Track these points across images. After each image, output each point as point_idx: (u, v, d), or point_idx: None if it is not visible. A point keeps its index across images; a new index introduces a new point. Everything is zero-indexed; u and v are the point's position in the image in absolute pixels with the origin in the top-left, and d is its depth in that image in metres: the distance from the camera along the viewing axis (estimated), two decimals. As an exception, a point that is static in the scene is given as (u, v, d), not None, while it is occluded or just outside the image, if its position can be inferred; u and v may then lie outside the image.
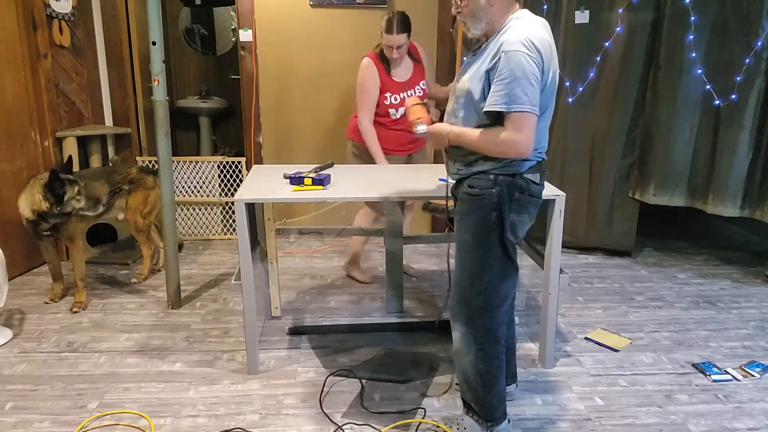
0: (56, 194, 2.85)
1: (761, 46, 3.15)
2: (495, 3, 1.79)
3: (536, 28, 1.77)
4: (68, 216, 2.95)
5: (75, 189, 2.91)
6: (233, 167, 4.21)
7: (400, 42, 2.94)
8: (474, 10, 1.81)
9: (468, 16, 1.84)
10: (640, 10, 3.39)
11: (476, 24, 1.83)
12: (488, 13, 1.80)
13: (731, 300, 3.24)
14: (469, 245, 1.89)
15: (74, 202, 2.92)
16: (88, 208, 2.99)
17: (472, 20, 1.84)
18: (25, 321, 2.95)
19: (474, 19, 1.83)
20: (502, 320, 1.96)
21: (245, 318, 2.39)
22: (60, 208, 2.88)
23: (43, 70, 3.55)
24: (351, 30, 3.95)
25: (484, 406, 1.98)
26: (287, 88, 4.05)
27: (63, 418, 2.16)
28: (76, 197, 2.92)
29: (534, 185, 1.89)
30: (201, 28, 5.55)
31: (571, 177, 3.79)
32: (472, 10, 1.82)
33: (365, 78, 3.03)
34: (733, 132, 3.31)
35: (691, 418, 2.19)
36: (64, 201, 2.88)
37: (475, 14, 1.82)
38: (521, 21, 1.78)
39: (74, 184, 2.92)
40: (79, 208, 2.95)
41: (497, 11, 1.80)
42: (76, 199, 2.92)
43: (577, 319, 3.01)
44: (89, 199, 2.98)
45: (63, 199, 2.87)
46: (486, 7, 1.80)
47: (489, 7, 1.80)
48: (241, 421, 2.16)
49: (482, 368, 1.94)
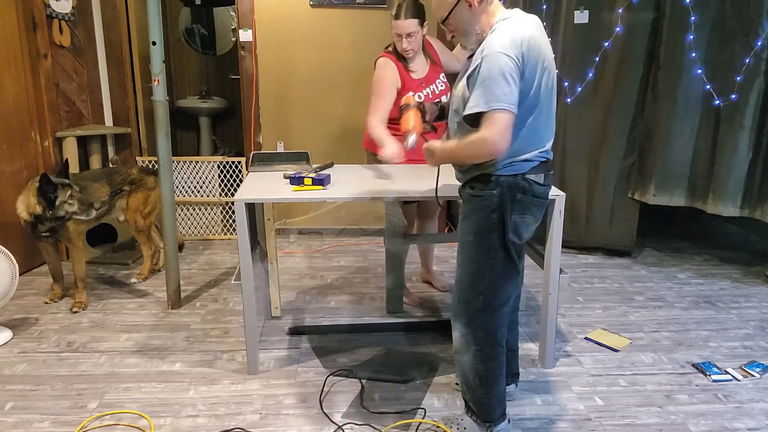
0: (47, 198, 2.83)
1: (761, 46, 3.15)
2: (477, 12, 1.80)
3: (522, 27, 1.75)
4: (62, 219, 2.93)
5: (67, 193, 2.88)
6: (233, 167, 4.21)
7: (409, 29, 2.68)
8: (462, 26, 1.83)
9: (460, 35, 1.87)
10: (640, 10, 3.39)
11: (469, 38, 1.85)
12: (475, 24, 1.81)
13: (731, 300, 3.24)
14: (470, 246, 1.89)
15: (66, 206, 2.88)
16: (81, 213, 2.94)
17: (465, 37, 1.86)
18: (25, 321, 2.95)
19: (466, 35, 1.85)
20: (503, 322, 1.96)
21: (245, 318, 2.39)
22: (52, 212, 2.87)
23: (43, 70, 3.55)
24: (351, 30, 3.95)
25: (482, 406, 1.98)
26: (287, 88, 4.05)
27: (63, 418, 2.16)
28: (68, 201, 2.88)
29: (538, 186, 1.87)
30: (201, 28, 5.55)
31: (571, 177, 3.79)
32: (460, 28, 1.84)
33: (383, 76, 2.76)
34: (733, 132, 3.31)
35: (691, 418, 2.19)
36: (56, 205, 2.85)
37: (464, 30, 1.84)
38: (507, 22, 1.77)
39: (67, 188, 2.89)
40: (72, 212, 2.92)
41: (483, 19, 1.81)
42: (69, 203, 2.88)
43: (577, 319, 3.01)
44: (82, 204, 2.93)
45: (55, 203, 2.85)
46: (471, 19, 1.81)
47: (473, 18, 1.80)
48: (241, 421, 2.16)
49: (481, 369, 1.94)
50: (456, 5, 1.79)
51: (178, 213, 4.13)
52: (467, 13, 1.79)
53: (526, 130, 1.80)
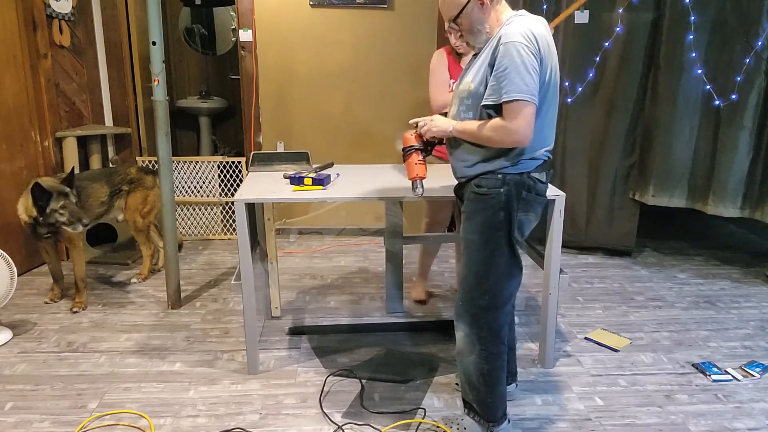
0: (38, 205, 2.82)
1: (761, 46, 3.15)
2: (487, 10, 1.80)
3: (535, 24, 1.78)
4: (53, 226, 2.91)
5: (60, 203, 2.83)
6: (233, 167, 4.21)
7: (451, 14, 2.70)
8: (472, 25, 1.82)
9: (469, 34, 1.85)
10: (640, 10, 3.39)
11: (479, 37, 1.84)
12: (485, 22, 1.81)
13: (731, 300, 3.24)
14: (476, 245, 1.89)
15: (57, 215, 2.85)
16: (68, 224, 2.87)
17: (474, 36, 1.85)
18: (25, 321, 2.95)
19: (476, 34, 1.84)
20: (506, 320, 1.97)
21: (245, 318, 2.39)
22: (43, 219, 2.85)
23: (43, 70, 3.55)
24: (351, 30, 3.95)
25: (486, 406, 1.98)
26: (287, 88, 4.05)
27: (63, 418, 2.16)
28: (59, 211, 2.84)
29: (540, 184, 1.89)
30: (201, 28, 5.55)
31: (571, 177, 3.79)
32: (470, 27, 1.83)
33: (433, 63, 2.84)
34: (733, 132, 3.31)
35: (691, 418, 2.19)
36: (47, 212, 2.84)
37: (474, 29, 1.83)
38: (520, 19, 1.79)
39: (61, 198, 2.84)
40: (62, 222, 2.87)
41: (493, 17, 1.82)
42: (59, 212, 2.84)
43: (577, 319, 3.01)
44: (72, 216, 2.87)
45: (45, 210, 2.83)
46: (481, 18, 1.80)
47: (484, 16, 1.80)
48: (241, 421, 2.16)
49: (485, 368, 1.94)
50: (467, 4, 1.79)
51: (178, 213, 4.13)
52: (478, 12, 1.80)
53: (538, 127, 1.81)
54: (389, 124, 4.07)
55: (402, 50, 3.95)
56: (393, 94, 4.05)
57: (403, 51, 3.96)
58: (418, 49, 3.91)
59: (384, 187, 2.41)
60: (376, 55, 4.00)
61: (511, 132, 1.74)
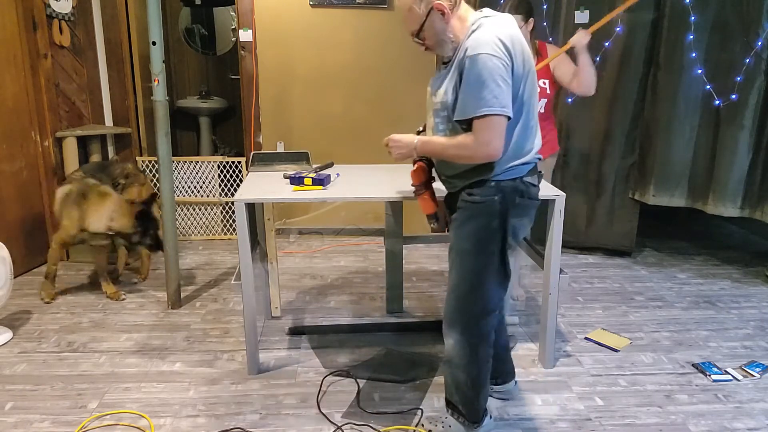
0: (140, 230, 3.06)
1: (761, 46, 3.15)
2: (449, 19, 1.75)
3: (503, 26, 1.73)
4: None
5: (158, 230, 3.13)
6: (233, 167, 4.21)
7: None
8: (436, 37, 1.78)
9: (435, 45, 1.81)
10: (640, 10, 3.39)
11: (445, 47, 1.80)
12: (448, 32, 1.76)
13: (731, 300, 3.24)
14: (469, 254, 1.87)
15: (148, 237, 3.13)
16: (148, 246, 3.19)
17: (440, 46, 1.80)
18: (25, 321, 2.95)
19: (441, 44, 1.79)
20: (494, 324, 1.97)
21: (245, 318, 2.39)
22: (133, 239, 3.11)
23: (43, 70, 3.55)
24: (351, 30, 3.95)
25: (472, 408, 1.99)
26: (287, 88, 4.05)
27: (63, 418, 2.16)
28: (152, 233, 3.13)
29: (532, 187, 1.88)
30: (201, 28, 5.55)
31: (571, 177, 3.79)
32: (434, 39, 1.78)
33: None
34: (733, 132, 3.31)
35: (691, 418, 2.19)
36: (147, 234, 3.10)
37: (439, 40, 1.78)
38: (487, 21, 1.74)
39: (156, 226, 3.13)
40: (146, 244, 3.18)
41: (456, 24, 1.77)
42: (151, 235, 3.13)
43: (577, 319, 3.01)
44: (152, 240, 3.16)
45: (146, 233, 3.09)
46: (444, 27, 1.76)
47: (446, 26, 1.75)
48: (241, 421, 2.16)
49: (475, 373, 1.95)
50: (428, 16, 1.74)
51: (178, 213, 4.13)
52: (440, 22, 1.75)
53: (522, 129, 1.78)
54: (389, 124, 4.05)
55: (402, 50, 3.95)
56: (393, 94, 4.05)
57: (403, 51, 3.95)
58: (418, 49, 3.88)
59: (384, 187, 2.40)
60: (376, 55, 3.99)
61: (480, 146, 1.69)
